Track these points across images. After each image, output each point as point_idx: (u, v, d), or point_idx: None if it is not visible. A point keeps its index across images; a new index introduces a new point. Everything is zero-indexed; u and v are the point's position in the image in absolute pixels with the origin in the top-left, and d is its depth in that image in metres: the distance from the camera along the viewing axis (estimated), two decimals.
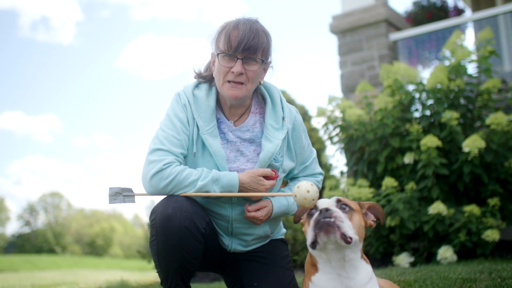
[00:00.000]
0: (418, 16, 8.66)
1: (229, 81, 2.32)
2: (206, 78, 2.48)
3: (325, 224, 1.94)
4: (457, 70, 5.12)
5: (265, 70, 2.44)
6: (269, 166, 2.39)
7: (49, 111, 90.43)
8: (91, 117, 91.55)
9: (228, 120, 2.45)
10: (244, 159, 2.41)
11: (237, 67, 2.28)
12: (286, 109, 2.48)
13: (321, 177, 2.65)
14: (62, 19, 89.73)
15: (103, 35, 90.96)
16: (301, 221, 2.20)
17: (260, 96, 2.55)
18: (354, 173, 5.65)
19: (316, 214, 1.98)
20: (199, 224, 2.21)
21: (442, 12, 8.75)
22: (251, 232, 2.47)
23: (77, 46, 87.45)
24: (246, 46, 2.25)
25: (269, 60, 2.41)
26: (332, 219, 1.94)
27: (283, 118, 2.45)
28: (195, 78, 2.52)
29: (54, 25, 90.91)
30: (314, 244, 1.97)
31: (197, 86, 2.47)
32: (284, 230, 2.74)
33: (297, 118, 2.53)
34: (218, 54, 2.31)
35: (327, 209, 1.98)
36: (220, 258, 2.53)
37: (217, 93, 2.46)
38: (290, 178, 2.65)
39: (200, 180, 2.23)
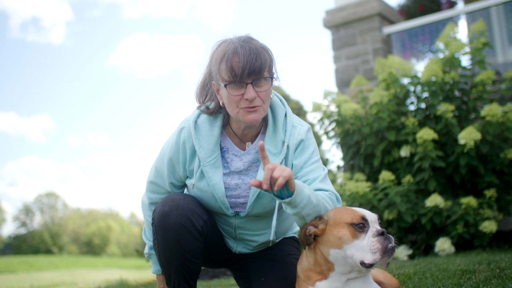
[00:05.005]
0: (411, 9, 8.65)
1: (244, 108, 2.20)
2: (214, 111, 2.36)
3: (392, 250, 2.00)
4: (451, 62, 5.12)
5: (271, 84, 2.29)
6: (265, 194, 2.27)
7: (42, 111, 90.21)
8: (85, 116, 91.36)
9: (244, 143, 2.37)
10: (245, 186, 2.36)
11: (249, 93, 2.16)
12: (288, 131, 2.35)
13: (332, 194, 2.24)
14: (53, 19, 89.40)
15: (94, 35, 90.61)
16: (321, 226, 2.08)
17: (266, 117, 2.42)
18: (350, 167, 5.66)
19: (381, 237, 2.00)
20: (196, 222, 2.23)
21: (434, 5, 8.75)
22: (255, 239, 2.47)
23: (68, 46, 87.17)
24: (251, 69, 2.14)
25: (274, 72, 2.29)
26: (393, 244, 2.01)
27: (283, 142, 2.33)
28: (198, 109, 2.41)
29: (45, 25, 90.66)
30: (372, 265, 1.99)
31: (201, 114, 2.38)
32: (297, 229, 2.67)
33: (301, 133, 2.36)
34: (225, 86, 2.19)
35: (386, 232, 2.02)
36: (226, 257, 2.55)
37: (223, 119, 2.37)
38: None
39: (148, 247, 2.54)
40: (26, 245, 54.48)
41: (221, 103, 2.29)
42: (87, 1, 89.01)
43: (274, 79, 2.27)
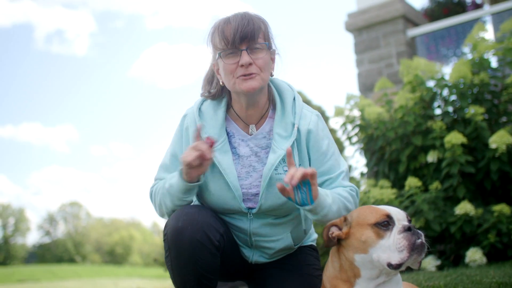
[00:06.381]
0: (435, 13, 8.46)
1: (240, 76, 2.14)
2: (216, 95, 2.32)
3: (422, 246, 1.84)
4: (480, 63, 4.91)
5: (272, 60, 2.26)
6: (278, 180, 2.17)
7: (66, 121, 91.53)
8: (107, 126, 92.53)
9: (248, 126, 2.28)
10: (257, 174, 2.24)
11: (244, 58, 2.11)
12: (298, 114, 2.26)
13: (353, 189, 2.24)
14: (76, 31, 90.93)
15: (117, 45, 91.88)
16: (345, 229, 1.95)
17: (274, 100, 2.35)
18: (375, 174, 5.47)
19: (407, 232, 1.84)
20: (213, 236, 2.06)
21: (459, 8, 8.54)
22: (272, 246, 2.30)
23: (92, 57, 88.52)
24: (243, 34, 2.10)
25: (273, 47, 2.26)
26: (424, 240, 1.85)
27: (293, 125, 2.23)
28: (201, 96, 2.38)
29: (69, 37, 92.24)
30: (400, 265, 1.82)
31: (205, 100, 2.35)
32: (315, 236, 2.55)
33: (312, 122, 2.27)
34: (220, 54, 2.16)
35: (414, 227, 1.86)
36: (242, 269, 2.38)
37: (228, 104, 2.31)
38: None
39: (166, 196, 2.23)
40: (50, 254, 55.18)
41: (221, 82, 2.24)
42: (110, 12, 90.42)
43: (269, 48, 2.21)
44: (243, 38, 2.10)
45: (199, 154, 2.00)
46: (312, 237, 2.52)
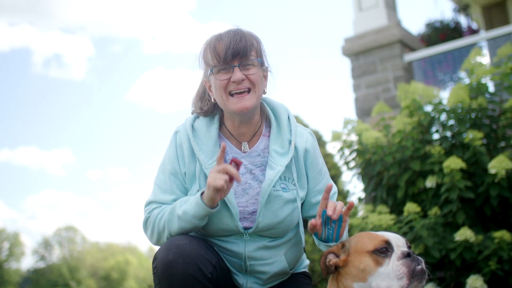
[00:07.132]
0: (432, 38, 8.51)
1: (232, 94, 2.13)
2: (208, 111, 2.31)
3: (422, 273, 1.81)
4: (478, 88, 4.90)
5: (265, 77, 2.26)
6: (276, 197, 2.17)
7: (63, 145, 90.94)
8: (104, 150, 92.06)
9: (241, 143, 2.26)
10: (253, 192, 2.20)
11: (236, 74, 2.10)
12: (294, 131, 2.26)
13: None
14: (74, 55, 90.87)
15: (114, 70, 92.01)
16: (343, 257, 1.90)
17: (268, 118, 2.35)
18: (372, 199, 5.41)
19: (406, 259, 1.79)
20: (205, 269, 2.00)
21: (456, 33, 8.61)
22: (267, 269, 2.23)
23: (90, 81, 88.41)
24: (235, 50, 2.10)
25: (266, 65, 2.26)
26: (424, 267, 1.82)
27: (290, 142, 2.23)
28: (192, 113, 2.38)
29: (67, 61, 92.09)
30: None
31: (197, 117, 2.33)
32: (307, 262, 2.51)
33: (309, 141, 2.29)
34: (212, 70, 2.15)
35: (413, 253, 1.82)
36: None
37: (220, 121, 2.29)
38: (309, 216, 2.34)
39: (173, 222, 2.12)
40: (44, 279, 54.47)
41: (212, 99, 2.22)
42: (108, 37, 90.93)
43: (262, 64, 2.21)
44: (235, 55, 2.10)
45: (229, 178, 1.97)
46: (304, 263, 2.49)
